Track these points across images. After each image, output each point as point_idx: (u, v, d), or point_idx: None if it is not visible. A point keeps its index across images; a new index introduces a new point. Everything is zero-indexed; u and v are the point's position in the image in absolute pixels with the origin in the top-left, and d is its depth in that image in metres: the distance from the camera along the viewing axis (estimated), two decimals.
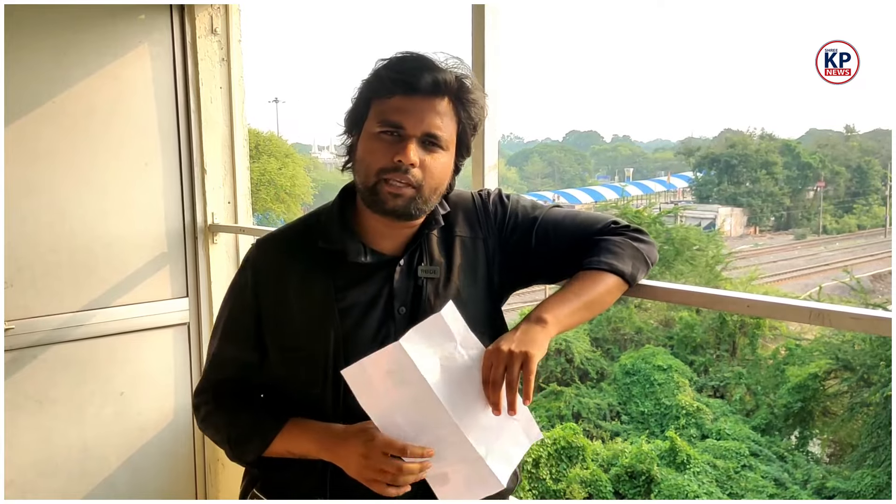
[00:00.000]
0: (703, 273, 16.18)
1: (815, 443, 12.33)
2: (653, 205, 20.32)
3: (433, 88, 1.17)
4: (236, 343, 1.29)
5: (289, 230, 1.34)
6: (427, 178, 1.18)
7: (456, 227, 1.30)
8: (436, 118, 1.17)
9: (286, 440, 1.23)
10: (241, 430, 1.27)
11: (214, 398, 1.31)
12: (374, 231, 1.25)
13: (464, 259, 1.29)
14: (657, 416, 12.03)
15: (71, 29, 2.29)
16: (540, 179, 50.76)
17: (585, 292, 1.23)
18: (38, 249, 2.30)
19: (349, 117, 1.23)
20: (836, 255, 27.63)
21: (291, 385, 1.25)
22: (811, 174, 35.89)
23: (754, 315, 1.30)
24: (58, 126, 2.30)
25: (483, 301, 1.29)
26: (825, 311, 1.06)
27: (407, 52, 1.21)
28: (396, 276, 1.24)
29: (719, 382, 13.13)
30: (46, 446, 2.36)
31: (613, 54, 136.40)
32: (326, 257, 1.24)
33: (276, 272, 1.26)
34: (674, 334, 14.07)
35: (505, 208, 1.34)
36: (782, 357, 13.01)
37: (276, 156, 21.42)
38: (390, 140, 1.17)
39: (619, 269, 1.26)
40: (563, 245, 1.31)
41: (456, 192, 1.32)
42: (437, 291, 1.25)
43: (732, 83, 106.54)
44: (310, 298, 1.23)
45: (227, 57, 2.57)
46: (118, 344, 2.46)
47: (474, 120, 1.23)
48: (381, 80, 1.19)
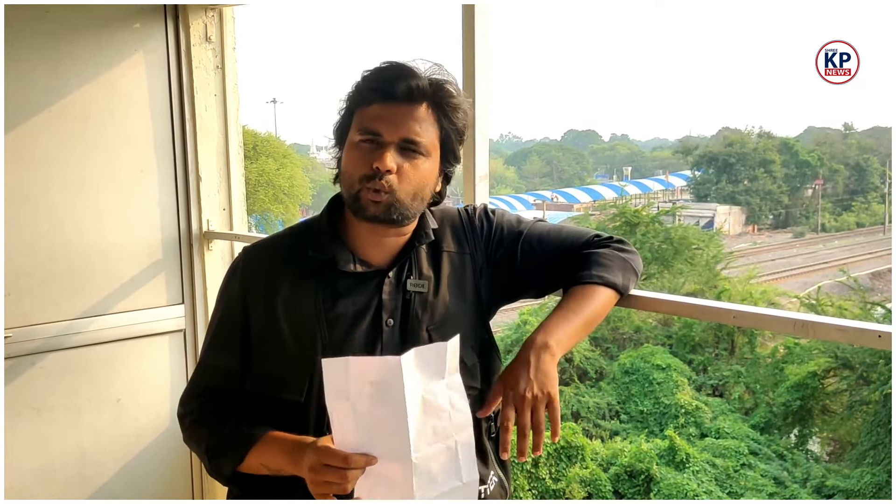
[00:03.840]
0: (702, 272, 16.16)
1: (814, 441, 12.33)
2: (651, 204, 20.28)
3: (409, 95, 1.18)
4: (223, 351, 1.30)
5: (278, 238, 1.35)
6: (403, 184, 1.19)
7: (444, 242, 1.31)
8: (413, 124, 1.19)
9: (261, 454, 1.21)
10: (219, 442, 1.25)
11: (200, 408, 1.30)
12: (363, 241, 1.25)
13: (451, 274, 1.30)
14: (656, 415, 12.03)
15: (66, 38, 2.30)
16: (538, 179, 50.75)
17: (583, 309, 1.24)
18: (36, 257, 2.31)
19: (336, 130, 1.25)
20: (835, 253, 27.65)
21: (277, 393, 1.25)
22: (809, 172, 35.92)
23: (740, 325, 1.31)
24: (53, 134, 2.31)
25: (471, 316, 1.31)
26: (809, 323, 1.07)
27: (387, 61, 1.22)
28: (386, 287, 1.25)
29: (718, 381, 13.12)
30: (44, 453, 2.37)
31: (612, 53, 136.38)
32: (316, 266, 1.24)
33: (266, 280, 1.26)
34: (672, 333, 14.06)
35: (491, 223, 1.35)
36: (781, 355, 13.00)
37: (274, 156, 21.38)
38: (369, 148, 1.19)
39: (611, 281, 1.27)
40: (548, 260, 1.32)
41: (442, 208, 1.33)
42: (425, 306, 1.26)
43: (730, 82, 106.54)
44: (298, 307, 1.23)
45: (221, 64, 2.58)
46: (115, 351, 2.47)
47: (457, 125, 1.23)
48: (360, 91, 1.21)
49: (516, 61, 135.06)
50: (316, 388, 1.20)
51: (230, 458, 1.24)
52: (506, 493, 1.35)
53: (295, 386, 1.22)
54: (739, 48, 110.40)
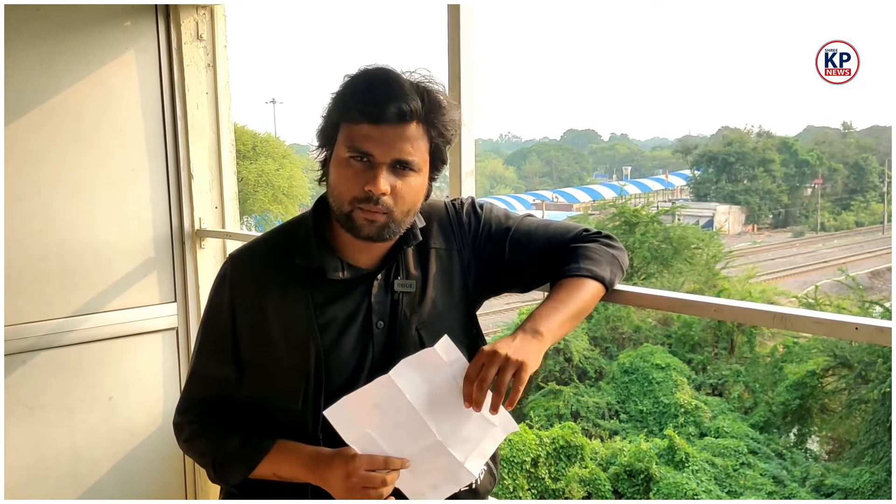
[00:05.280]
0: (701, 272, 16.17)
1: (813, 440, 12.35)
2: (651, 203, 20.27)
3: (400, 117, 1.16)
4: (215, 360, 1.29)
5: (264, 244, 1.33)
6: (398, 204, 1.18)
7: (431, 238, 1.31)
8: (406, 145, 1.17)
9: (273, 463, 1.23)
10: (227, 453, 1.26)
11: (199, 418, 1.30)
12: (351, 246, 1.25)
13: (439, 270, 1.30)
14: (656, 415, 12.04)
15: (57, 36, 2.30)
16: (538, 178, 50.77)
17: (572, 300, 1.24)
18: (28, 255, 2.31)
19: (320, 134, 1.24)
20: (834, 252, 27.67)
21: (271, 401, 1.25)
22: (809, 171, 35.95)
23: (721, 319, 1.31)
24: (45, 133, 2.31)
25: (459, 311, 1.31)
26: (787, 315, 1.08)
27: (373, 70, 1.19)
28: (374, 290, 1.25)
29: (717, 380, 13.13)
30: (36, 451, 2.38)
31: (612, 53, 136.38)
32: (304, 273, 1.24)
33: (254, 289, 1.26)
34: (672, 333, 14.07)
35: (479, 218, 1.35)
36: (780, 354, 13.02)
37: (273, 157, 21.38)
38: (360, 168, 1.17)
39: (599, 274, 1.27)
40: (536, 255, 1.33)
41: (429, 202, 1.32)
42: (413, 306, 1.26)
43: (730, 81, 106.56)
44: (289, 315, 1.23)
45: (213, 62, 2.58)
46: (107, 349, 2.47)
47: (447, 136, 1.23)
48: (347, 106, 1.18)
49: (516, 61, 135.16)
50: (312, 395, 1.21)
51: (238, 469, 1.25)
52: (494, 480, 1.37)
53: (290, 393, 1.22)
54: (739, 47, 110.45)
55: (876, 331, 1.09)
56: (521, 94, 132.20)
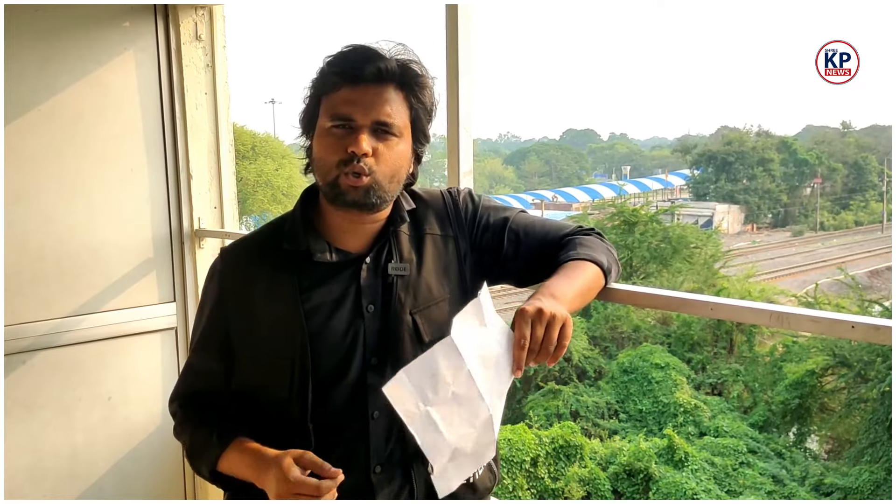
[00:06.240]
0: (700, 271, 16.18)
1: (812, 439, 12.34)
2: (650, 203, 20.28)
3: (377, 77, 1.18)
4: (205, 353, 1.31)
5: (253, 237, 1.35)
6: (381, 166, 1.19)
7: (426, 225, 1.31)
8: (385, 106, 1.18)
9: (229, 462, 1.24)
10: (195, 446, 1.29)
11: (181, 409, 1.33)
12: (339, 229, 1.25)
13: (435, 257, 1.29)
14: (655, 414, 12.04)
15: (56, 36, 2.31)
16: (537, 178, 50.77)
17: (578, 278, 1.24)
18: (26, 256, 2.31)
19: (303, 119, 1.25)
20: (834, 252, 27.67)
21: (261, 390, 1.26)
22: (808, 171, 35.96)
23: (717, 317, 1.31)
24: (44, 133, 2.31)
25: (455, 298, 1.31)
26: (784, 314, 1.08)
27: (350, 45, 1.22)
28: (363, 273, 1.24)
29: (717, 380, 13.14)
30: (35, 451, 2.38)
31: (611, 53, 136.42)
32: (292, 259, 1.24)
33: (242, 280, 1.27)
34: (671, 332, 14.08)
35: (476, 206, 1.36)
36: (779, 354, 13.02)
37: (272, 157, 21.35)
38: (342, 133, 1.18)
39: (597, 259, 1.28)
40: (533, 249, 1.33)
41: (426, 190, 1.34)
42: (408, 289, 1.25)
43: (729, 81, 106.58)
44: (275, 302, 1.23)
45: (211, 63, 2.59)
46: (106, 349, 2.47)
47: (426, 104, 1.23)
48: (326, 77, 1.20)
49: (515, 61, 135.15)
50: (298, 381, 1.21)
51: (205, 461, 1.27)
52: (495, 478, 1.36)
53: (278, 381, 1.22)
54: (738, 47, 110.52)
55: (872, 329, 1.09)
56: (520, 94, 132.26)
